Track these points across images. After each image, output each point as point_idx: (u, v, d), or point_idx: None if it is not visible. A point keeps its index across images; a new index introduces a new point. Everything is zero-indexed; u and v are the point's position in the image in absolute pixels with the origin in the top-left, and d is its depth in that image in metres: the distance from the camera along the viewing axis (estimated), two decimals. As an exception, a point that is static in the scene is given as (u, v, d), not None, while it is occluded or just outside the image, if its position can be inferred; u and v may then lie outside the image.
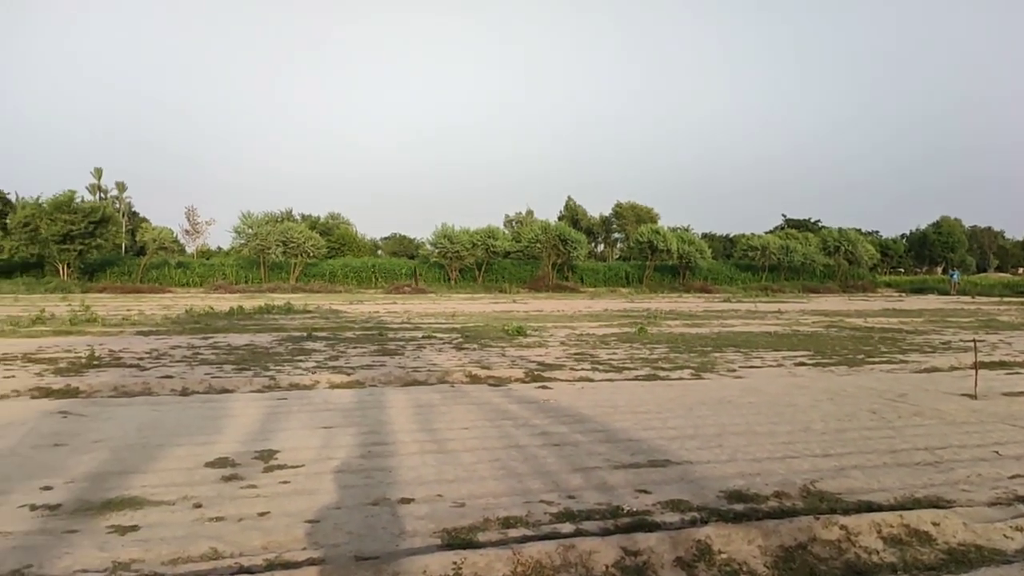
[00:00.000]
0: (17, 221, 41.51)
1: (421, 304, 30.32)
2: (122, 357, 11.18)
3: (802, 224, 75.58)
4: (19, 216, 41.77)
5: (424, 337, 14.91)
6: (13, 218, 42.82)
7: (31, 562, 3.54)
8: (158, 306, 26.75)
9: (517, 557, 3.51)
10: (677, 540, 3.77)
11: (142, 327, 16.99)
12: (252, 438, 6.20)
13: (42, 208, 41.25)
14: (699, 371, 10.36)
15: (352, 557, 3.61)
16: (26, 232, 40.97)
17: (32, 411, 7.26)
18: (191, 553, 3.66)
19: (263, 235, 45.41)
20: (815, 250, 56.76)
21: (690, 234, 57.36)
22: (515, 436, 6.37)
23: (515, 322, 18.06)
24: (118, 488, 4.74)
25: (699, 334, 16.32)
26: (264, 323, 18.57)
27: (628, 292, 47.68)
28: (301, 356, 11.54)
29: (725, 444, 6.13)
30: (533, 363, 10.89)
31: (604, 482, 4.99)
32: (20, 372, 9.54)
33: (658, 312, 25.00)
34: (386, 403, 7.87)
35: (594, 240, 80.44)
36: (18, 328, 15.94)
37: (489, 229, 50.77)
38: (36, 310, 20.44)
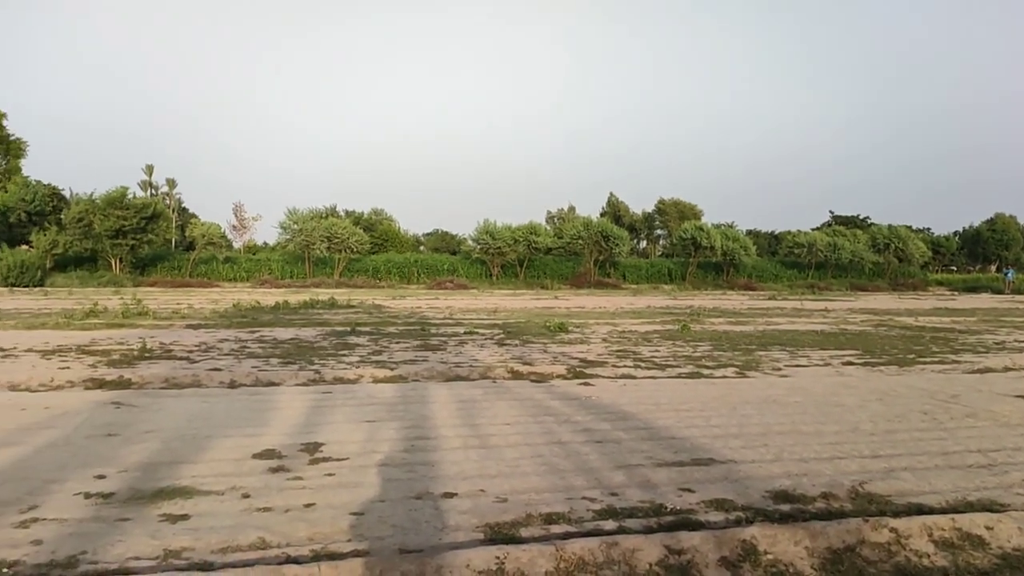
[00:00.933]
0: (71, 217, 42.72)
1: (463, 300, 30.45)
2: (172, 350, 11.44)
3: (850, 221, 74.12)
4: (73, 212, 42.98)
5: (466, 333, 14.97)
6: (67, 214, 44.07)
7: (85, 549, 3.64)
8: (206, 300, 27.32)
9: (560, 553, 3.51)
10: (722, 540, 3.74)
11: (191, 320, 17.36)
12: (298, 431, 6.30)
13: (95, 204, 42.38)
14: (743, 369, 10.23)
15: (396, 550, 3.65)
16: (80, 227, 42.14)
17: (86, 402, 7.47)
18: (240, 542, 3.74)
19: (308, 231, 46.05)
20: (864, 247, 55.64)
21: (734, 231, 56.56)
22: (557, 432, 6.37)
23: (557, 318, 18.04)
24: (169, 478, 4.86)
25: (743, 332, 16.11)
26: (309, 317, 18.83)
27: (671, 289, 47.30)
28: (345, 351, 11.68)
29: (770, 443, 6.04)
30: (575, 360, 10.87)
31: (647, 480, 4.96)
32: (75, 363, 9.82)
33: (701, 309, 24.75)
34: (429, 398, 7.92)
35: (636, 237, 79.94)
36: (72, 321, 16.40)
37: (531, 225, 50.78)
38: (90, 303, 21.03)
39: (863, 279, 54.66)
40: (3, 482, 4.75)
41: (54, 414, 6.84)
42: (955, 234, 79.33)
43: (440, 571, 3.37)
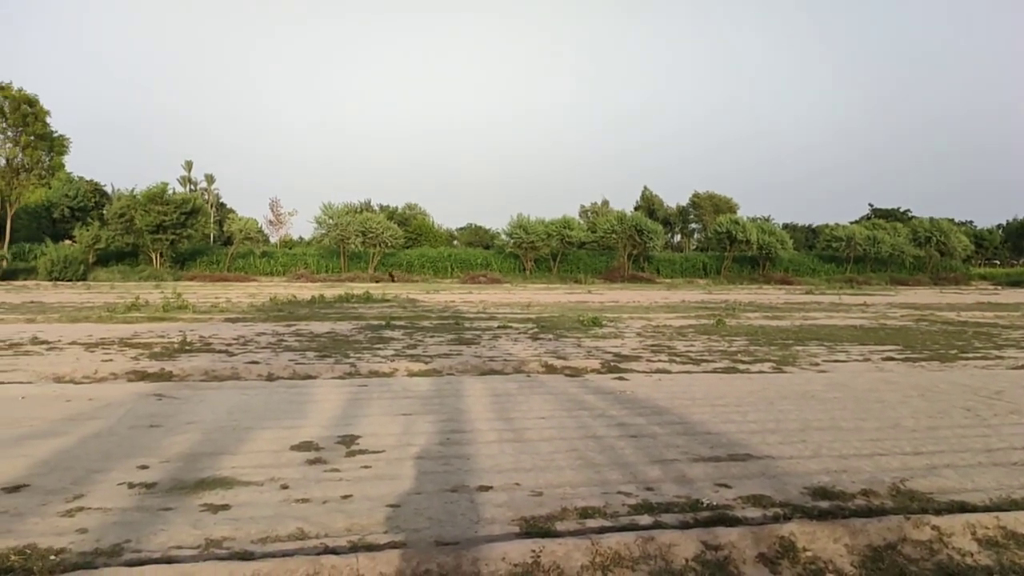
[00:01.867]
0: (113, 212, 43.62)
1: (496, 294, 30.51)
2: (211, 343, 11.63)
3: (890, 214, 72.80)
4: (115, 207, 43.88)
5: (500, 327, 14.99)
6: (110, 209, 45.01)
7: (129, 537, 3.72)
8: (244, 294, 27.71)
9: (596, 548, 3.50)
10: (759, 536, 3.70)
11: (229, 314, 17.63)
12: (334, 423, 6.36)
13: (136, 200, 43.20)
14: (780, 364, 10.11)
15: (432, 542, 3.67)
16: (122, 222, 43.00)
17: (129, 393, 7.63)
18: (279, 533, 3.79)
19: (343, 225, 46.46)
20: (904, 241, 54.60)
21: (770, 224, 55.92)
22: (592, 427, 6.35)
23: (590, 313, 18.00)
24: (210, 468, 4.94)
25: (780, 327, 15.92)
26: (344, 311, 19.01)
27: (706, 283, 46.92)
28: (380, 344, 11.76)
29: (809, 439, 5.96)
30: (609, 354, 10.83)
31: (683, 475, 4.92)
32: (117, 356, 10.03)
33: (737, 304, 24.51)
34: (463, 392, 7.95)
35: (671, 231, 79.35)
36: (115, 314, 16.76)
37: (564, 219, 50.66)
38: (131, 297, 21.46)
39: (903, 273, 53.71)
40: (49, 471, 4.87)
41: (98, 405, 6.99)
42: (999, 227, 77.37)
43: (476, 564, 3.38)
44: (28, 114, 41.89)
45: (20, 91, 41.75)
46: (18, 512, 4.08)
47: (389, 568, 3.31)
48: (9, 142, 42.13)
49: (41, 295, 25.86)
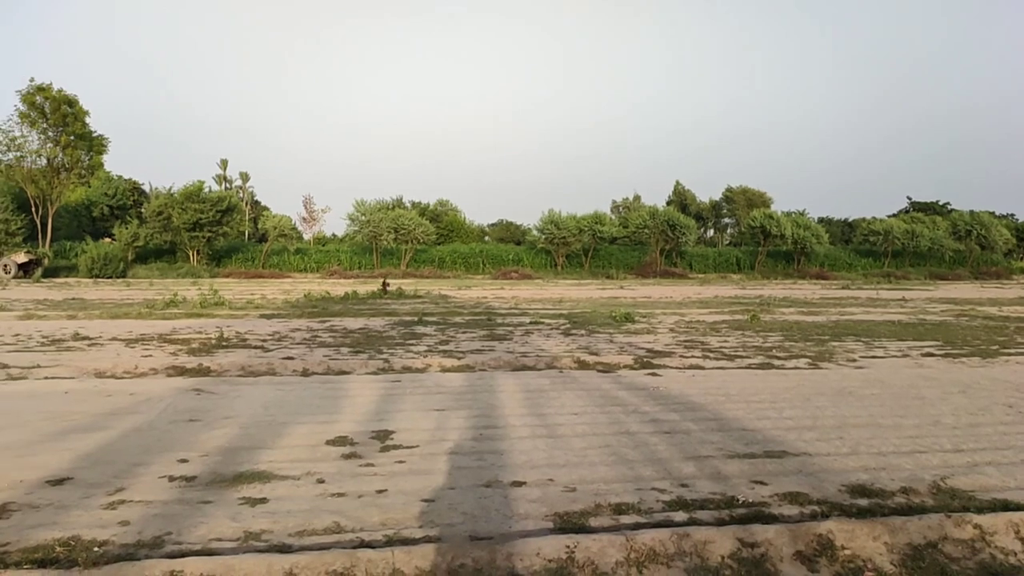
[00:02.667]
0: (151, 210, 44.38)
1: (528, 290, 30.51)
2: (247, 339, 11.79)
3: (929, 207, 71.29)
4: (153, 205, 44.64)
5: (532, 323, 14.99)
6: (148, 207, 45.78)
7: (170, 530, 3.79)
8: (278, 291, 28.04)
9: (630, 544, 3.49)
10: (797, 534, 3.66)
11: (264, 310, 17.85)
12: (369, 418, 6.41)
13: (174, 198, 43.90)
14: (816, 360, 9.98)
15: (467, 537, 3.68)
16: (160, 220, 43.73)
17: (169, 388, 7.76)
18: (316, 526, 3.84)
19: (375, 222, 46.77)
20: (943, 235, 53.55)
21: (805, 218, 55.06)
22: (625, 423, 6.33)
23: (623, 308, 17.91)
24: (247, 462, 5.02)
25: (816, 322, 15.71)
26: (377, 307, 19.14)
27: (739, 279, 46.47)
28: (413, 340, 11.83)
29: (846, 436, 5.89)
30: (642, 350, 10.78)
31: (718, 471, 4.89)
32: (157, 352, 10.21)
33: (771, 299, 24.23)
34: (496, 387, 7.97)
35: (703, 225, 78.60)
36: (154, 311, 17.06)
37: (596, 215, 50.47)
38: (169, 294, 21.81)
39: (943, 267, 52.66)
40: (92, 465, 4.98)
41: (138, 400, 7.13)
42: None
43: (510, 559, 3.39)
44: (68, 114, 42.77)
45: (60, 92, 42.63)
46: (62, 504, 4.18)
47: (424, 562, 3.34)
48: (50, 142, 43.05)
49: (82, 292, 26.41)
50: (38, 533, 3.72)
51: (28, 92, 41.82)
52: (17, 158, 42.80)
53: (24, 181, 42.65)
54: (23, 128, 42.34)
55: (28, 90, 41.86)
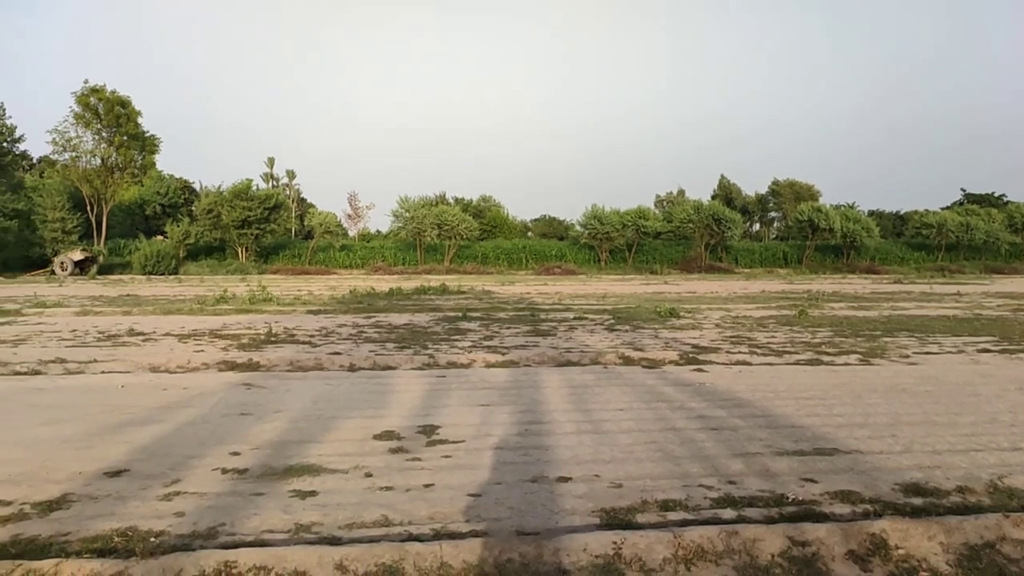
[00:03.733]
0: (202, 208, 45.34)
1: (571, 285, 30.43)
2: (295, 334, 11.98)
3: (984, 199, 69.15)
4: (203, 203, 45.59)
5: (575, 318, 14.95)
6: (198, 205, 46.78)
7: (224, 521, 3.88)
8: (325, 287, 28.42)
9: (678, 541, 3.47)
10: (849, 532, 3.60)
11: (311, 306, 18.11)
12: (415, 413, 6.48)
13: (223, 196, 44.76)
14: (868, 356, 9.77)
15: (514, 531, 3.70)
16: (209, 218, 44.66)
17: (220, 382, 7.94)
18: (364, 519, 3.89)
19: (419, 218, 47.07)
20: (999, 227, 51.88)
21: (855, 211, 53.84)
22: (671, 419, 6.29)
23: (667, 304, 17.77)
24: (297, 456, 5.11)
25: (866, 317, 15.38)
26: (421, 303, 19.29)
27: (786, 273, 45.73)
28: (457, 336, 11.89)
29: (899, 434, 5.76)
30: (687, 345, 10.68)
31: (766, 469, 4.83)
32: (208, 347, 10.44)
33: (820, 294, 23.79)
34: (540, 383, 7.97)
35: (749, 219, 77.41)
36: (205, 307, 17.44)
37: (640, 210, 50.07)
38: (219, 290, 22.28)
39: (999, 261, 51.10)
40: (148, 457, 5.12)
41: (192, 394, 7.30)
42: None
43: (557, 554, 3.39)
44: (121, 115, 43.87)
45: (113, 93, 43.74)
46: (120, 495, 4.31)
47: (472, 556, 3.36)
48: (104, 142, 44.21)
49: (136, 289, 27.10)
50: (97, 523, 3.84)
51: (82, 94, 42.98)
52: (73, 158, 44.05)
53: (79, 181, 43.85)
54: (78, 129, 43.54)
55: (82, 92, 43.03)
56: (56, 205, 41.20)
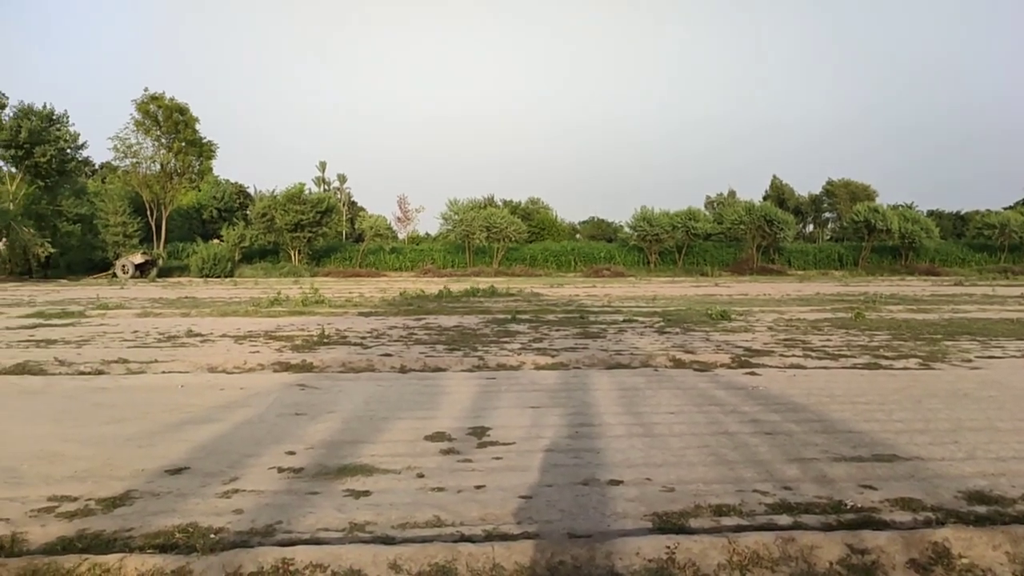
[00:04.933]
0: (256, 212, 46.32)
1: (620, 287, 30.25)
2: (347, 336, 12.15)
3: (1050, 197, 66.69)
4: (258, 208, 46.56)
5: (625, 320, 14.86)
6: (253, 209, 47.80)
7: (280, 519, 3.96)
8: (375, 289, 28.76)
9: (733, 546, 3.42)
10: (910, 541, 3.51)
11: (362, 308, 18.34)
12: (465, 415, 6.51)
13: (277, 200, 45.64)
14: (928, 360, 9.51)
15: (565, 534, 3.70)
16: (263, 222, 45.59)
17: (275, 383, 8.10)
18: (417, 519, 3.93)
19: (468, 221, 47.32)
20: (1067, 226, 49.97)
21: (914, 211, 52.35)
22: (724, 422, 6.21)
23: (718, 306, 17.54)
24: (351, 456, 5.19)
25: (926, 320, 14.96)
26: (471, 305, 19.37)
27: (841, 275, 44.71)
28: (506, 338, 11.92)
29: (962, 440, 5.59)
30: (739, 348, 10.53)
31: (823, 475, 4.73)
32: (263, 348, 10.66)
33: (877, 296, 23.21)
34: (590, 385, 7.95)
35: (803, 220, 75.97)
36: (259, 309, 17.79)
37: (689, 211, 49.52)
38: (273, 292, 22.72)
39: (1067, 262, 49.24)
40: (207, 455, 5.25)
41: (248, 394, 7.47)
42: None
43: (610, 557, 3.38)
44: (179, 122, 45.02)
45: (172, 100, 44.92)
46: (181, 493, 4.43)
47: (524, 558, 3.37)
48: (163, 148, 45.41)
49: (193, 291, 27.80)
50: (159, 520, 3.95)
51: (142, 101, 44.22)
52: (133, 164, 45.34)
53: (140, 186, 45.13)
54: (138, 135, 44.81)
55: (142, 99, 44.27)
56: (117, 210, 42.44)
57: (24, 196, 40.13)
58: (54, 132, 39.95)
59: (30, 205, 39.91)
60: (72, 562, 3.31)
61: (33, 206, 39.94)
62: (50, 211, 40.42)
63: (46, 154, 38.97)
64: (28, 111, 39.58)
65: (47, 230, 39.58)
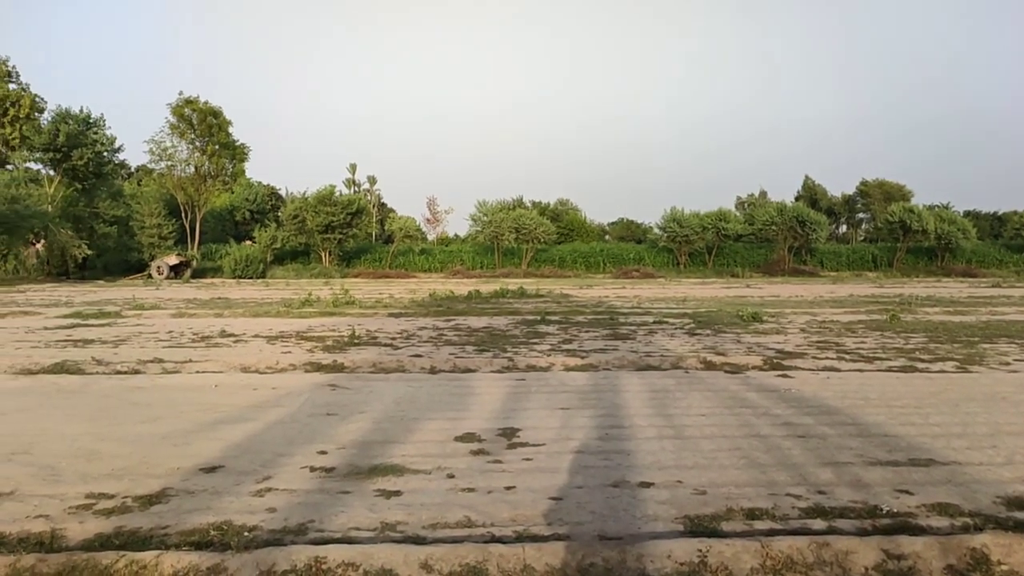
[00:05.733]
0: (288, 214, 46.82)
1: (650, 289, 30.09)
2: (377, 337, 12.23)
3: (1092, 197, 65.11)
4: (289, 209, 47.06)
5: (655, 322, 14.78)
6: (284, 211, 48.34)
7: (313, 518, 4.00)
8: (405, 290, 28.91)
9: (766, 551, 3.39)
10: (948, 547, 3.45)
11: (392, 309, 18.45)
12: (495, 416, 6.53)
13: (308, 202, 46.09)
14: (965, 363, 9.33)
15: (596, 536, 3.69)
16: (295, 223, 46.04)
17: (307, 383, 8.18)
18: (448, 519, 3.95)
19: (497, 222, 47.37)
20: (1109, 227, 48.78)
21: (950, 212, 51.37)
22: (756, 425, 6.15)
23: (750, 307, 17.38)
24: (381, 456, 5.22)
25: (963, 322, 14.68)
26: (500, 306, 19.39)
27: (876, 277, 44.05)
28: (536, 339, 11.92)
29: (1000, 445, 5.49)
30: (771, 350, 10.42)
31: (858, 479, 4.67)
32: (295, 348, 10.77)
33: (913, 298, 22.84)
34: (620, 387, 7.92)
35: (835, 221, 74.96)
36: (291, 310, 17.98)
37: (720, 212, 49.11)
38: (304, 293, 22.93)
39: (1108, 263, 48.05)
40: (241, 454, 5.32)
41: (280, 394, 7.55)
42: None
43: (641, 560, 3.37)
44: (213, 125, 45.65)
45: (206, 104, 45.57)
46: (215, 491, 4.49)
47: (555, 560, 3.36)
48: (197, 151, 46.08)
49: (226, 292, 28.15)
50: (194, 517, 4.02)
51: (177, 105, 44.92)
52: (168, 167, 46.06)
53: (174, 188, 45.82)
54: (173, 139, 45.53)
55: (177, 103, 44.96)
56: (153, 212, 43.15)
57: (62, 198, 40.93)
58: (91, 135, 40.75)
59: (68, 207, 40.72)
60: (110, 559, 3.37)
61: (71, 208, 40.75)
62: (87, 213, 41.20)
63: (83, 157, 39.77)
64: (65, 115, 40.40)
65: (84, 232, 40.34)
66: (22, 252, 39.62)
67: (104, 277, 41.35)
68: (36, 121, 40.59)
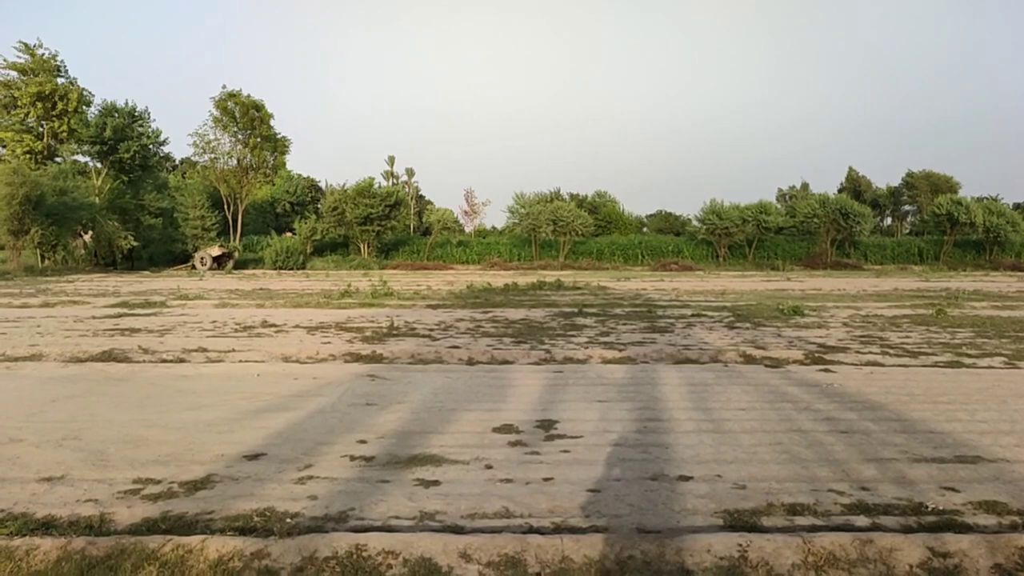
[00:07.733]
0: (327, 206, 47.29)
1: (688, 282, 29.83)
2: (416, 328, 12.32)
3: None
4: (329, 201, 47.52)
5: (694, 315, 14.66)
6: (324, 203, 48.84)
7: (353, 506, 4.06)
8: (442, 282, 29.05)
9: (808, 546, 3.35)
10: (995, 545, 3.38)
11: (430, 301, 18.55)
12: (532, 407, 6.54)
13: (347, 194, 46.50)
14: (1014, 359, 9.10)
15: (634, 529, 3.68)
16: (334, 215, 46.49)
17: (347, 373, 8.27)
18: (486, 510, 3.97)
19: (534, 214, 47.32)
20: None
21: (999, 204, 50.03)
22: (797, 420, 6.08)
23: (791, 301, 17.15)
24: (420, 446, 5.27)
25: (1012, 317, 14.31)
26: (537, 299, 19.39)
27: (921, 270, 43.13)
28: (573, 331, 11.90)
29: (1052, 443, 5.35)
30: (813, 344, 10.27)
31: (902, 475, 4.59)
32: (335, 339, 10.89)
33: (960, 292, 22.31)
34: (658, 380, 7.88)
35: (880, 213, 73.45)
36: (331, 301, 18.18)
37: (761, 204, 48.39)
38: (343, 285, 23.18)
39: None
40: (283, 442, 5.40)
41: (320, 384, 7.65)
42: None
43: (680, 554, 3.35)
44: (255, 118, 46.30)
45: (248, 97, 46.20)
46: (259, 478, 4.57)
47: (593, 552, 3.36)
48: (239, 144, 46.80)
49: (268, 283, 28.58)
50: (238, 503, 4.10)
51: (221, 98, 45.62)
52: (212, 160, 46.87)
53: (217, 181, 46.62)
54: (216, 132, 46.29)
55: (220, 96, 45.67)
56: (196, 204, 43.92)
57: (109, 190, 41.90)
58: (137, 129, 41.67)
59: (114, 199, 41.66)
60: (156, 542, 3.46)
61: (117, 200, 41.68)
62: (133, 205, 42.12)
63: (130, 150, 40.68)
64: (112, 108, 41.32)
65: (130, 223, 41.26)
66: (70, 243, 40.53)
67: (149, 268, 42.28)
68: (84, 115, 41.55)
